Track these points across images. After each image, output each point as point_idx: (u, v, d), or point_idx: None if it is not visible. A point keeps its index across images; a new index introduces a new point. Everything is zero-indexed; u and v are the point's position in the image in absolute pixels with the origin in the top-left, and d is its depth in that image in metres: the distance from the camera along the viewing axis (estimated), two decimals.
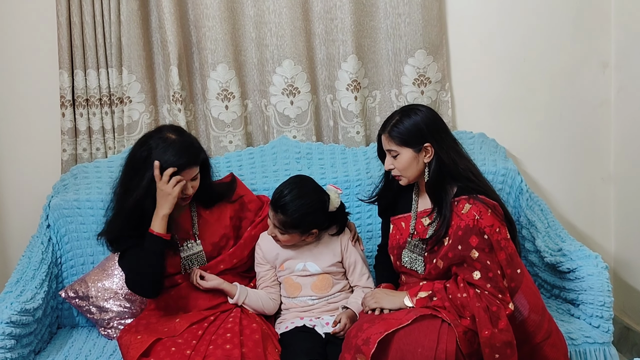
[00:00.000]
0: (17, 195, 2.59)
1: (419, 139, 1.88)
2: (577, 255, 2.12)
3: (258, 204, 2.20)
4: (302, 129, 2.58)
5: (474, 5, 2.56)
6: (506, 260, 1.82)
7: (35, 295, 2.11)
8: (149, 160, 1.92)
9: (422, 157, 1.89)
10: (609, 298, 2.04)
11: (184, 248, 2.05)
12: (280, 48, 2.51)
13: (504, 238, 1.83)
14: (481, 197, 1.85)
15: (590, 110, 2.64)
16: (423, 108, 1.95)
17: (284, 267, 2.09)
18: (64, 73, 2.46)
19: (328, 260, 2.07)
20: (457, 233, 1.84)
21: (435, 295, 1.85)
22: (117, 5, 2.44)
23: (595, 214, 2.72)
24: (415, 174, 1.92)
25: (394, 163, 1.92)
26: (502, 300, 1.80)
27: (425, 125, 1.89)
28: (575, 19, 2.57)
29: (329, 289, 2.07)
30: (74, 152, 2.53)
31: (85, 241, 2.35)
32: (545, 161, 2.67)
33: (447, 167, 1.88)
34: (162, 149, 1.93)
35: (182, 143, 1.96)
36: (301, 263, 2.07)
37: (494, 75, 2.60)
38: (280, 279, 2.11)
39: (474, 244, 1.81)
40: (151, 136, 1.99)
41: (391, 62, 2.56)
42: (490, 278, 1.81)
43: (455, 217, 1.86)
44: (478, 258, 1.81)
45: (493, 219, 1.83)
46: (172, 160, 1.91)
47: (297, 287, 2.07)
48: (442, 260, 1.88)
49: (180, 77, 2.49)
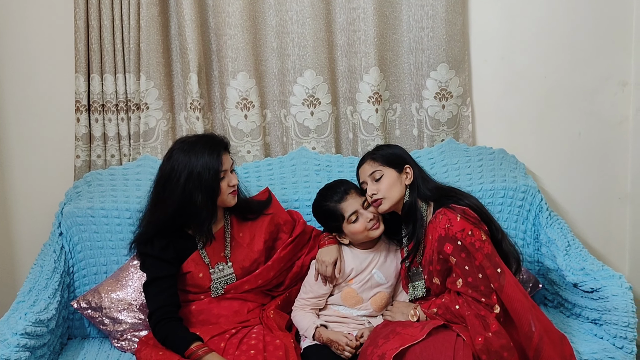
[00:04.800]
0: (28, 202, 2.53)
1: (401, 161, 2.02)
2: (601, 275, 2.11)
3: (291, 224, 2.17)
4: (322, 141, 2.55)
5: (496, 21, 2.56)
6: (484, 260, 1.84)
7: (49, 305, 2.05)
8: (177, 167, 1.91)
9: (403, 179, 2.01)
10: (633, 319, 2.03)
11: (215, 270, 2.01)
12: (302, 58, 2.49)
13: (478, 239, 1.85)
14: (451, 205, 1.91)
15: (609, 128, 2.64)
16: (394, 145, 2.21)
17: (353, 281, 2.05)
18: (80, 77, 2.42)
19: (392, 272, 2.07)
20: (434, 245, 1.89)
21: (438, 312, 1.90)
22: (137, 10, 2.40)
23: (611, 233, 2.71)
24: (397, 196, 1.99)
25: (378, 186, 1.99)
26: (486, 305, 1.82)
27: (402, 152, 2.09)
28: (596, 38, 2.58)
29: (384, 307, 2.06)
30: (87, 159, 2.48)
31: (99, 250, 2.29)
32: (563, 178, 2.66)
33: (419, 187, 2.00)
34: (187, 150, 1.92)
35: (203, 137, 2.00)
36: (369, 270, 2.04)
37: (515, 91, 2.60)
38: (341, 285, 2.06)
39: (449, 251, 1.86)
40: (172, 149, 1.99)
41: (413, 76, 2.55)
42: (469, 283, 1.84)
43: (433, 232, 1.91)
44: (456, 264, 1.86)
45: (463, 223, 1.86)
46: (204, 155, 1.92)
47: (358, 300, 2.04)
48: (437, 277, 1.93)
49: (199, 85, 2.45)
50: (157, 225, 1.93)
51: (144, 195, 2.32)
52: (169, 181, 1.92)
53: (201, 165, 1.90)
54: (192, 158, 1.91)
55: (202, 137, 2.02)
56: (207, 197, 1.92)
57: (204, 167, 1.90)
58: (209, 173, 1.90)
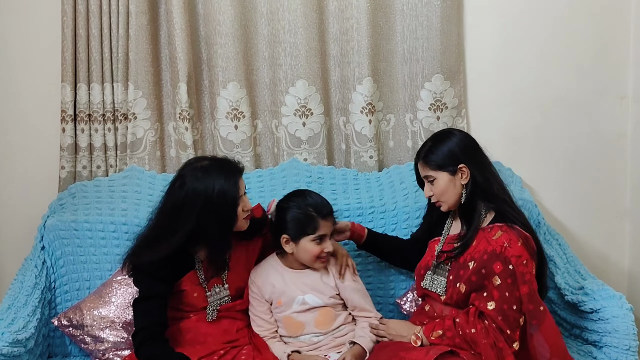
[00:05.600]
0: (10, 214, 2.46)
1: (453, 161, 1.88)
2: (601, 295, 2.04)
3: None
4: (314, 152, 2.49)
5: (492, 32, 2.52)
6: (529, 295, 1.76)
7: (28, 323, 1.98)
8: (192, 195, 1.81)
9: (458, 179, 1.89)
10: (634, 342, 1.96)
11: (212, 292, 1.94)
12: (295, 68, 2.44)
13: (529, 272, 1.78)
14: (515, 227, 1.82)
15: (607, 143, 2.59)
16: (456, 131, 1.98)
17: (281, 302, 1.96)
18: (67, 87, 2.36)
19: (327, 291, 1.97)
20: (482, 257, 1.80)
21: (445, 335, 1.81)
22: (126, 19, 2.35)
23: (610, 250, 2.65)
24: (455, 198, 1.90)
25: (432, 189, 1.91)
26: (508, 337, 1.75)
27: (459, 147, 1.90)
28: (593, 50, 2.54)
29: (332, 322, 1.96)
30: (73, 170, 2.42)
31: (82, 265, 2.22)
32: (560, 193, 2.61)
33: (480, 186, 1.87)
34: (201, 178, 1.82)
35: (217, 162, 1.89)
36: (300, 296, 1.96)
37: (511, 103, 2.55)
38: (278, 317, 1.98)
39: (497, 270, 1.77)
40: (183, 174, 1.87)
41: (407, 86, 2.50)
42: (504, 311, 1.76)
43: (484, 242, 1.82)
44: (498, 287, 1.76)
45: (522, 250, 1.78)
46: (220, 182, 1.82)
47: (299, 325, 1.95)
48: (465, 284, 1.84)
49: (189, 95, 2.40)
50: (164, 252, 1.82)
51: (130, 207, 2.27)
52: (182, 211, 1.82)
53: (218, 193, 1.80)
54: (208, 185, 1.81)
55: (215, 162, 1.89)
56: (225, 228, 1.84)
57: (221, 196, 1.80)
58: (227, 202, 1.82)
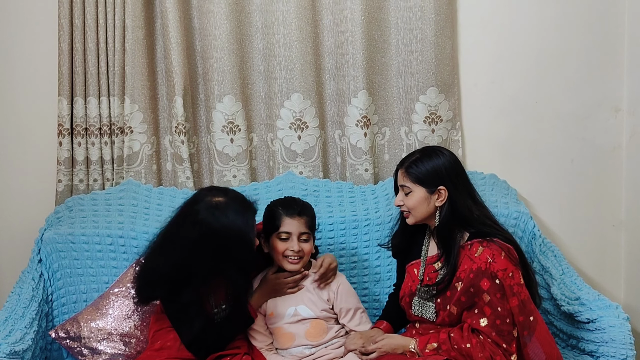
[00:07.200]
0: (8, 227, 2.47)
1: (435, 181, 1.86)
2: (597, 305, 2.05)
3: None
4: (309, 165, 2.50)
5: (486, 45, 2.53)
6: (519, 307, 1.76)
7: (25, 335, 1.98)
8: (207, 234, 1.80)
9: (434, 199, 1.87)
10: (631, 351, 1.96)
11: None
12: (290, 82, 2.46)
13: (517, 283, 1.78)
14: (496, 240, 1.81)
15: (602, 155, 2.60)
16: (446, 152, 1.92)
17: (273, 314, 1.98)
18: (63, 100, 2.38)
19: (320, 304, 1.98)
20: (469, 276, 1.79)
21: (441, 347, 1.80)
22: (122, 33, 2.38)
23: (605, 261, 2.65)
24: (423, 215, 1.88)
25: (405, 200, 1.89)
26: (505, 351, 1.74)
27: (445, 169, 1.87)
28: (588, 63, 2.55)
29: (324, 335, 1.97)
30: (69, 183, 2.43)
31: (79, 277, 2.24)
32: (555, 205, 2.61)
33: (460, 213, 1.85)
34: (218, 216, 1.81)
35: (234, 200, 1.87)
36: (292, 307, 1.97)
37: (505, 116, 2.56)
38: (271, 328, 1.99)
39: (485, 287, 1.76)
40: (197, 210, 1.83)
41: (402, 99, 2.51)
42: (497, 325, 1.75)
43: (467, 261, 1.81)
44: (489, 303, 1.76)
45: (507, 262, 1.78)
46: (242, 221, 1.81)
47: (290, 337, 1.96)
48: (455, 306, 1.82)
49: (185, 108, 2.41)
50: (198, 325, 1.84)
51: (127, 220, 2.28)
52: (195, 250, 1.81)
53: (235, 237, 1.80)
54: (225, 224, 1.80)
55: (232, 200, 1.86)
56: (243, 273, 1.86)
57: (238, 240, 1.81)
58: (245, 247, 1.82)
